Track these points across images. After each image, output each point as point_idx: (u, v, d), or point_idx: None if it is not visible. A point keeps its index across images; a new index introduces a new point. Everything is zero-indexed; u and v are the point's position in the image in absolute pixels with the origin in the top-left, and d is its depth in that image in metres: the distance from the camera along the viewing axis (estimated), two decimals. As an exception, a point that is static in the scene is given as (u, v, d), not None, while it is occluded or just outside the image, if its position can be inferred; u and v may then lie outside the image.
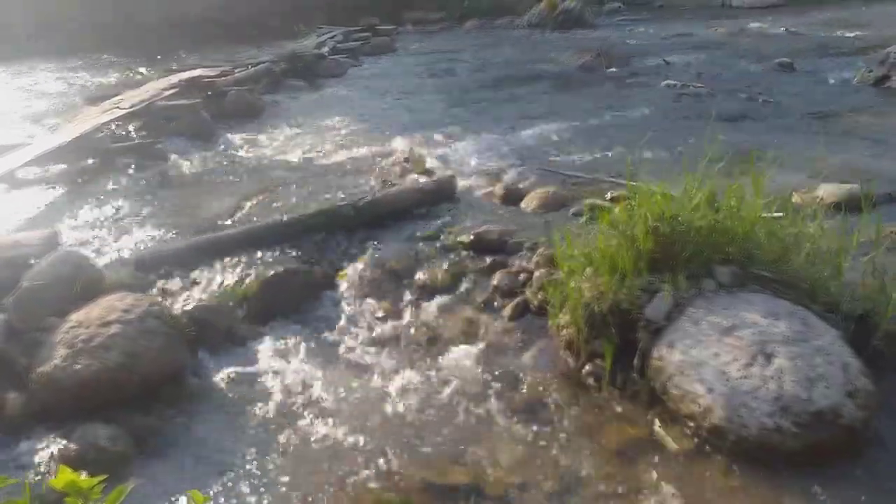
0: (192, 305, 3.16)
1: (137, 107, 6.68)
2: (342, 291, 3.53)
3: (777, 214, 2.95)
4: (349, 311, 3.37)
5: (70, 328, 2.78)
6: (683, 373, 2.45)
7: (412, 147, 6.10)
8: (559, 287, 2.92)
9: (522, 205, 4.42)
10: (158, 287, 3.41)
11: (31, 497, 1.66)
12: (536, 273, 3.29)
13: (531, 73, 10.07)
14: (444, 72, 10.62)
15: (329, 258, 3.76)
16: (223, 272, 3.55)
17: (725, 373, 2.37)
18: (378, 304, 3.38)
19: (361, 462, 2.39)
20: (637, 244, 2.77)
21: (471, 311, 3.27)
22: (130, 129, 6.73)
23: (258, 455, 2.45)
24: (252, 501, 2.24)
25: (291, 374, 2.90)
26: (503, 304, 3.26)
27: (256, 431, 2.58)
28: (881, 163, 4.98)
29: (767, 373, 2.33)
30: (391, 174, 5.24)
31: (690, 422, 2.39)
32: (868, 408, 2.28)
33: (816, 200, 3.79)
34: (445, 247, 3.78)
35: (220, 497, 2.25)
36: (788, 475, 2.17)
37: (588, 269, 2.86)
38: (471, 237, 3.76)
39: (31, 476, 2.29)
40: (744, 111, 7.01)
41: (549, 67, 10.52)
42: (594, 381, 2.71)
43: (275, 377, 2.89)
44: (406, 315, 3.32)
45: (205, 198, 4.79)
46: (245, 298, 3.34)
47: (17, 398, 2.64)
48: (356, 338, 3.18)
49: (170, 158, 5.89)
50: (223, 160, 5.93)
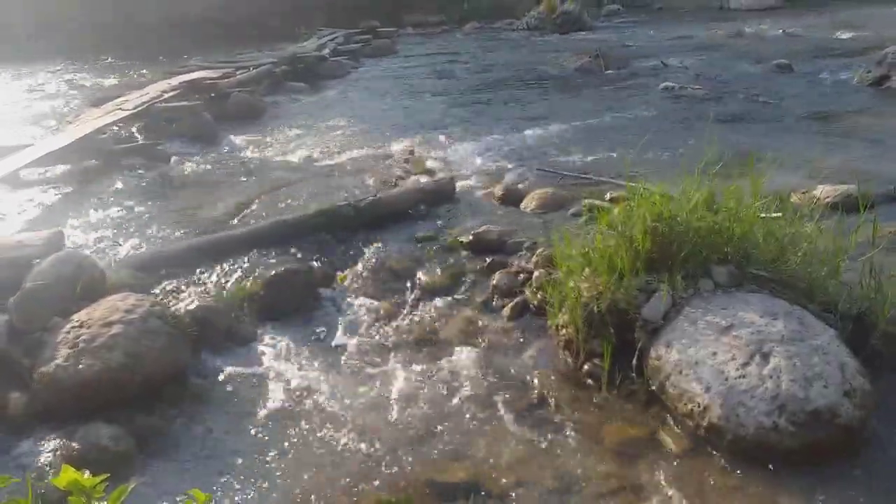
0: (194, 305, 3.17)
1: (139, 108, 6.70)
2: (343, 291, 3.54)
3: (775, 215, 2.97)
4: (350, 311, 3.39)
5: (72, 328, 2.78)
6: (681, 372, 2.46)
7: (412, 148, 6.12)
8: (558, 287, 2.93)
9: (522, 205, 4.44)
10: (160, 287, 3.42)
11: (34, 496, 1.67)
12: (535, 273, 3.31)
13: (530, 75, 10.09)
14: (444, 73, 10.64)
15: (330, 258, 3.78)
16: (225, 272, 3.57)
17: (723, 372, 2.38)
18: (378, 304, 3.40)
19: (362, 461, 2.40)
20: (635, 244, 2.78)
21: (470, 311, 3.28)
22: (133, 131, 6.76)
23: (259, 454, 2.46)
24: (253, 501, 2.25)
25: (292, 374, 2.91)
26: (502, 304, 3.28)
27: (258, 431, 2.59)
28: (879, 163, 5.00)
29: (765, 372, 2.34)
30: (391, 175, 5.26)
31: (688, 421, 2.40)
32: (865, 407, 2.29)
33: (814, 201, 3.81)
34: (445, 247, 3.80)
35: (222, 496, 2.26)
36: (786, 474, 2.18)
37: (587, 269, 2.88)
38: (470, 237, 3.78)
39: (34, 475, 2.30)
40: (742, 112, 7.03)
41: (548, 69, 10.54)
42: (593, 381, 2.72)
43: (276, 377, 2.90)
44: (406, 315, 3.33)
45: (206, 199, 4.81)
46: (247, 298, 3.36)
47: (20, 398, 2.65)
48: (356, 337, 3.19)
49: (171, 160, 5.91)
50: (225, 161, 5.95)
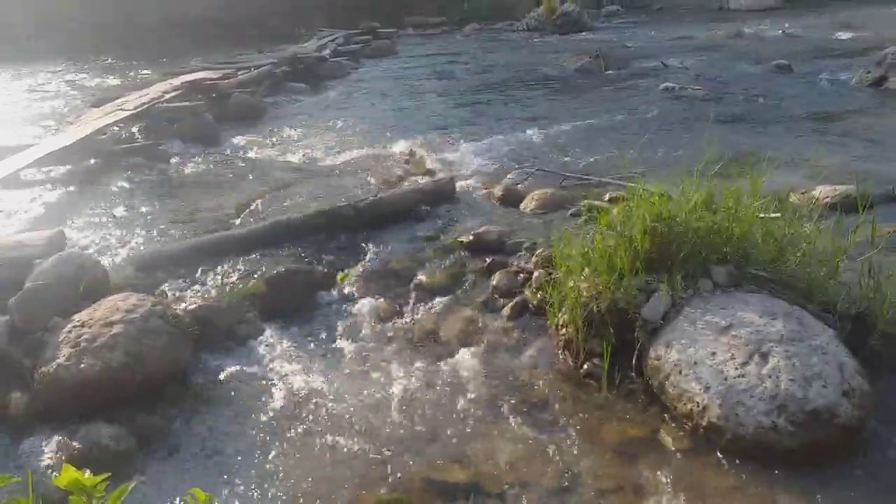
0: (195, 305, 3.18)
1: (140, 109, 6.71)
2: (343, 291, 3.55)
3: (774, 215, 2.97)
4: (350, 311, 3.39)
5: (74, 328, 2.79)
6: (680, 372, 2.47)
7: (412, 148, 6.13)
8: (558, 287, 2.94)
9: (521, 206, 4.45)
10: (162, 287, 3.43)
11: (35, 495, 1.67)
12: (535, 273, 3.31)
13: (530, 76, 10.11)
14: (444, 74, 10.66)
15: (330, 258, 3.79)
16: (225, 272, 3.57)
17: (722, 372, 2.39)
18: (378, 304, 3.40)
19: (362, 461, 2.41)
20: (635, 244, 2.79)
21: (470, 311, 3.29)
22: (133, 131, 6.78)
23: (260, 454, 2.47)
24: (254, 500, 2.26)
25: (293, 374, 2.92)
26: (502, 304, 3.28)
27: (258, 430, 2.60)
28: (878, 163, 5.00)
29: (764, 372, 2.34)
30: (392, 175, 5.27)
31: (688, 420, 2.41)
32: (864, 407, 2.29)
33: (813, 201, 3.82)
34: (445, 247, 3.81)
35: (223, 496, 2.27)
36: (785, 474, 2.19)
37: (586, 270, 2.88)
38: (470, 238, 3.79)
39: (35, 475, 2.31)
40: (742, 113, 7.04)
41: (548, 70, 10.56)
42: (593, 381, 2.73)
43: (276, 377, 2.91)
44: (406, 315, 3.34)
45: (207, 199, 4.82)
46: (247, 298, 3.36)
47: (21, 398, 2.66)
48: (357, 337, 3.20)
49: (172, 160, 5.92)
50: (225, 162, 5.96)
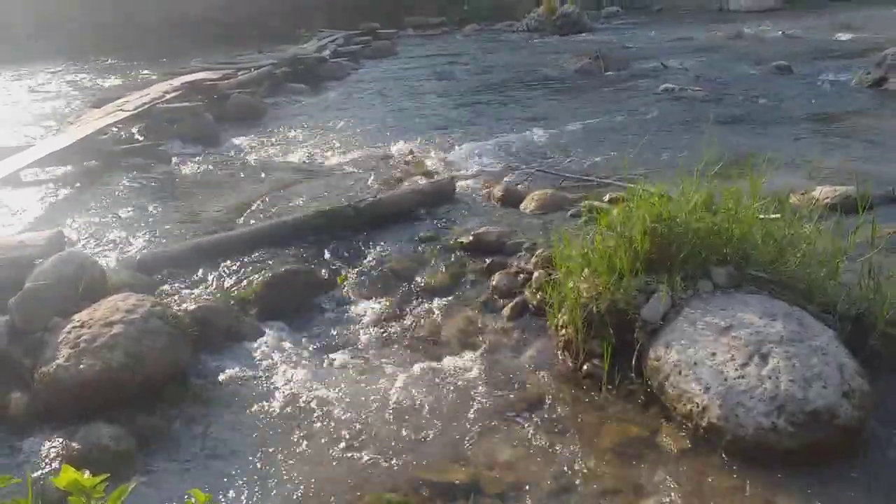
0: (195, 306, 3.18)
1: (140, 109, 6.72)
2: (343, 292, 3.55)
3: (774, 216, 2.97)
4: (350, 312, 3.39)
5: (73, 328, 2.79)
6: (680, 372, 2.47)
7: (412, 149, 6.14)
8: (557, 287, 2.94)
9: (521, 206, 4.45)
10: (161, 287, 3.43)
11: (34, 496, 1.67)
12: (535, 274, 3.31)
13: (530, 77, 10.12)
14: (444, 75, 10.67)
15: (330, 259, 3.79)
16: (225, 273, 3.57)
17: (722, 372, 2.39)
18: (378, 305, 3.40)
19: (361, 461, 2.40)
20: (634, 245, 2.79)
21: (470, 312, 3.29)
22: (134, 132, 6.78)
23: (260, 454, 2.47)
24: (254, 500, 2.26)
25: (293, 374, 2.91)
26: (502, 305, 3.28)
27: (258, 431, 2.60)
28: (878, 164, 5.01)
29: (764, 373, 2.34)
30: (392, 176, 5.27)
31: (687, 421, 2.41)
32: (864, 408, 2.29)
33: (813, 202, 3.82)
34: (445, 248, 3.81)
35: (222, 496, 2.27)
36: (784, 474, 2.19)
37: (586, 270, 2.88)
38: (470, 238, 3.79)
39: (35, 475, 2.31)
40: (742, 114, 7.05)
41: (548, 71, 10.57)
42: (592, 381, 2.72)
43: (276, 377, 2.90)
44: (406, 315, 3.34)
45: (207, 199, 4.82)
46: (247, 299, 3.37)
47: (21, 398, 2.65)
48: (356, 338, 3.20)
49: (172, 160, 5.92)
50: (226, 162, 5.97)
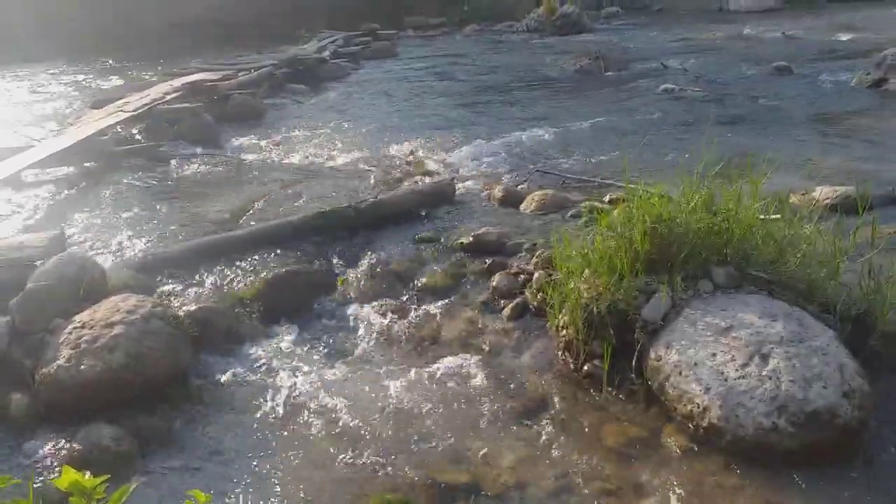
0: (196, 306, 3.18)
1: (141, 110, 6.72)
2: (343, 292, 3.55)
3: (774, 216, 2.98)
4: (350, 312, 3.40)
5: (74, 329, 2.79)
6: (681, 373, 2.47)
7: (412, 150, 6.14)
8: (558, 288, 2.94)
9: (521, 207, 4.45)
10: (162, 288, 3.43)
11: (35, 497, 1.67)
12: (535, 274, 3.31)
13: (530, 77, 10.12)
14: (444, 76, 10.67)
15: (331, 260, 3.79)
16: (226, 273, 3.57)
17: (722, 373, 2.39)
18: (379, 305, 3.40)
19: (362, 462, 2.41)
20: (635, 246, 2.79)
21: (470, 312, 3.29)
22: (134, 132, 6.78)
23: (260, 455, 2.47)
24: (254, 501, 2.26)
25: (293, 375, 2.92)
26: (503, 305, 3.28)
27: (258, 431, 2.60)
28: (878, 164, 5.01)
29: (764, 373, 2.35)
30: (392, 177, 5.27)
31: (688, 421, 2.41)
32: (864, 408, 2.30)
33: (813, 202, 3.82)
34: (445, 248, 3.81)
35: (223, 496, 2.27)
36: (785, 475, 2.19)
37: (586, 271, 2.88)
38: (470, 239, 3.79)
39: (35, 476, 2.31)
40: (742, 114, 7.06)
41: (548, 71, 10.57)
42: (593, 382, 2.73)
43: (277, 377, 2.91)
44: (406, 316, 3.34)
45: (208, 200, 4.82)
46: (248, 299, 3.37)
47: (22, 399, 2.66)
48: (357, 338, 3.20)
49: (173, 161, 5.92)
50: (226, 163, 5.97)
